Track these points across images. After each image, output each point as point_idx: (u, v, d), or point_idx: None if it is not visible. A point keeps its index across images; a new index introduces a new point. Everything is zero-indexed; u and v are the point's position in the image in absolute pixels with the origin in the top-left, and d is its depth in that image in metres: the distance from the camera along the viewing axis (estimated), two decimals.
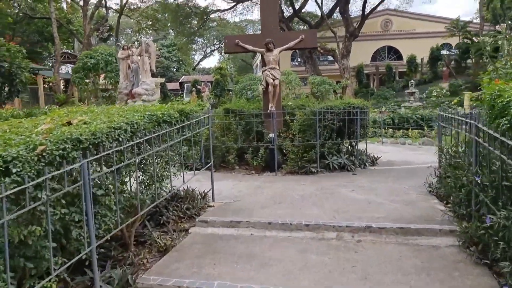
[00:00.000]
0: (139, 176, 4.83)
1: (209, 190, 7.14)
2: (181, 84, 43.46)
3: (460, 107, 27.44)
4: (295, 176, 9.20)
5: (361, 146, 10.37)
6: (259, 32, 65.87)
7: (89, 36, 30.55)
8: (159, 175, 5.21)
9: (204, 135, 7.57)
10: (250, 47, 10.41)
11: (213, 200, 7.06)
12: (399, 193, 7.22)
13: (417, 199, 6.72)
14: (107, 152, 4.00)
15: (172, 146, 5.59)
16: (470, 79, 39.38)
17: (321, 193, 7.38)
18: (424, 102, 29.18)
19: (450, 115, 6.77)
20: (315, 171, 9.33)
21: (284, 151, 9.67)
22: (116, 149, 4.13)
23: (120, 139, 4.34)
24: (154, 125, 5.19)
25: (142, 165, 4.94)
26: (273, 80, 9.94)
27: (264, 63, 10.27)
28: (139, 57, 16.67)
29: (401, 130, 17.80)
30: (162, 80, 36.43)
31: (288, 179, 8.86)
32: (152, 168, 4.97)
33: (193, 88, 35.29)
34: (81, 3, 34.32)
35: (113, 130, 4.29)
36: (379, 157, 10.67)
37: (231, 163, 9.82)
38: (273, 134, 9.46)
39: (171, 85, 43.98)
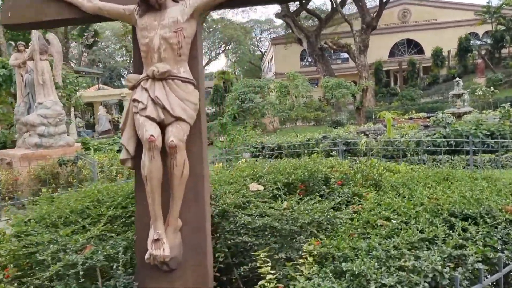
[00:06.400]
0: None
1: None
2: None
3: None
4: None
5: None
6: (268, 33, 57.85)
7: None
8: None
9: None
10: (88, 2, 2.48)
11: None
12: None
13: None
14: None
15: None
16: (509, 71, 30.81)
17: None
18: (466, 104, 20.73)
19: None
20: None
21: None
22: None
23: None
24: None
25: None
26: (159, 121, 2.15)
27: (138, 58, 2.44)
28: (33, 62, 9.06)
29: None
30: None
31: None
32: None
33: None
34: None
35: None
36: None
37: None
38: None
39: None
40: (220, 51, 52.66)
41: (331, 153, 14.74)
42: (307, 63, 42.71)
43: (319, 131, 19.15)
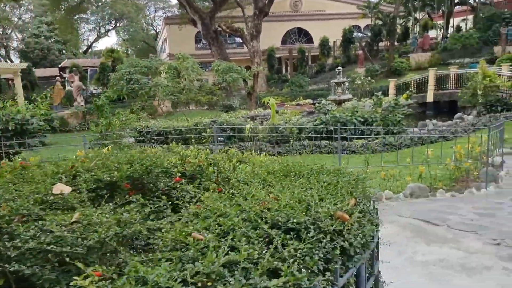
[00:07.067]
0: None
1: None
2: (62, 69, 32.42)
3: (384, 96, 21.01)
4: None
5: None
6: (162, 12, 54.46)
7: None
8: None
9: None
10: None
11: None
12: None
13: None
14: None
15: None
16: (384, 63, 33.67)
17: None
18: (347, 92, 21.99)
19: None
20: None
21: None
22: None
23: None
24: None
25: None
26: None
27: None
28: None
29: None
30: (24, 65, 25.54)
31: None
32: None
33: (58, 77, 24.98)
34: None
35: None
36: None
37: None
38: None
39: (46, 72, 32.57)
40: (110, 28, 48.79)
41: (219, 138, 14.44)
42: (203, 46, 41.72)
43: (210, 116, 18.68)
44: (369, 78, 25.11)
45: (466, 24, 37.45)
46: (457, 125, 14.96)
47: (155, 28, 53.61)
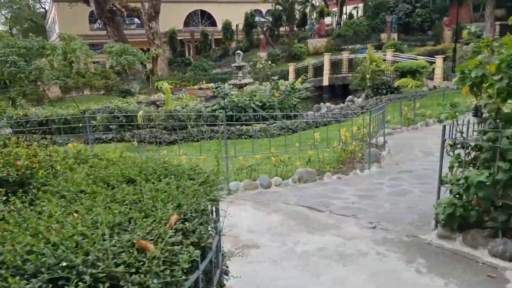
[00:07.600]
0: None
1: None
2: None
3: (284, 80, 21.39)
4: None
5: None
6: None
7: None
8: None
9: None
10: None
11: None
12: None
13: None
14: None
15: None
16: (285, 48, 34.31)
17: None
18: (249, 76, 21.89)
19: None
20: None
21: None
22: None
23: None
24: None
25: None
26: None
27: None
28: None
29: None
30: None
31: None
32: None
33: None
34: None
35: None
36: None
37: None
38: None
39: None
40: None
41: (110, 126, 13.26)
42: (99, 26, 38.47)
43: (104, 101, 17.21)
44: (269, 62, 25.25)
45: (357, 12, 39.69)
46: (348, 107, 15.67)
47: (43, 5, 48.22)
